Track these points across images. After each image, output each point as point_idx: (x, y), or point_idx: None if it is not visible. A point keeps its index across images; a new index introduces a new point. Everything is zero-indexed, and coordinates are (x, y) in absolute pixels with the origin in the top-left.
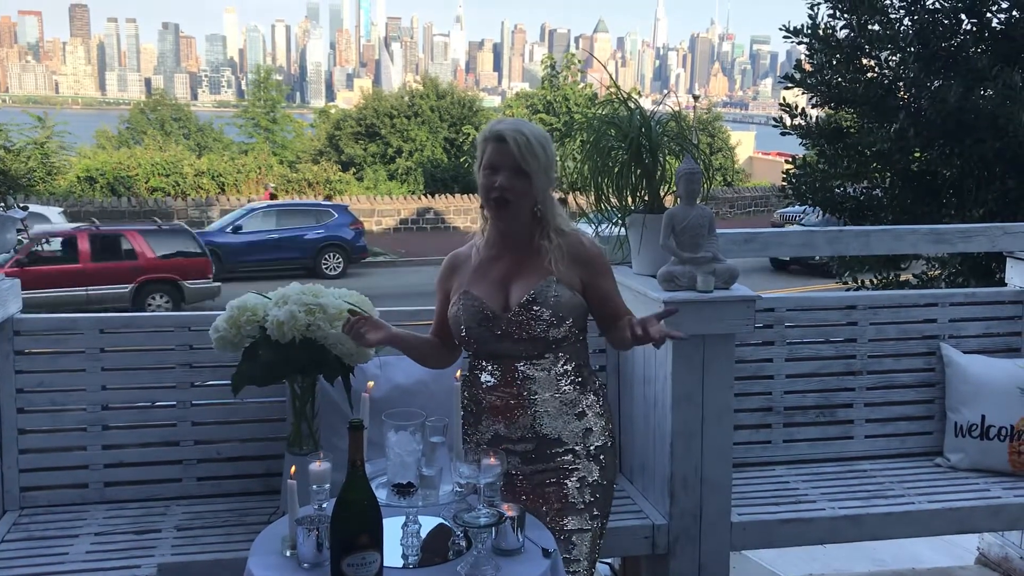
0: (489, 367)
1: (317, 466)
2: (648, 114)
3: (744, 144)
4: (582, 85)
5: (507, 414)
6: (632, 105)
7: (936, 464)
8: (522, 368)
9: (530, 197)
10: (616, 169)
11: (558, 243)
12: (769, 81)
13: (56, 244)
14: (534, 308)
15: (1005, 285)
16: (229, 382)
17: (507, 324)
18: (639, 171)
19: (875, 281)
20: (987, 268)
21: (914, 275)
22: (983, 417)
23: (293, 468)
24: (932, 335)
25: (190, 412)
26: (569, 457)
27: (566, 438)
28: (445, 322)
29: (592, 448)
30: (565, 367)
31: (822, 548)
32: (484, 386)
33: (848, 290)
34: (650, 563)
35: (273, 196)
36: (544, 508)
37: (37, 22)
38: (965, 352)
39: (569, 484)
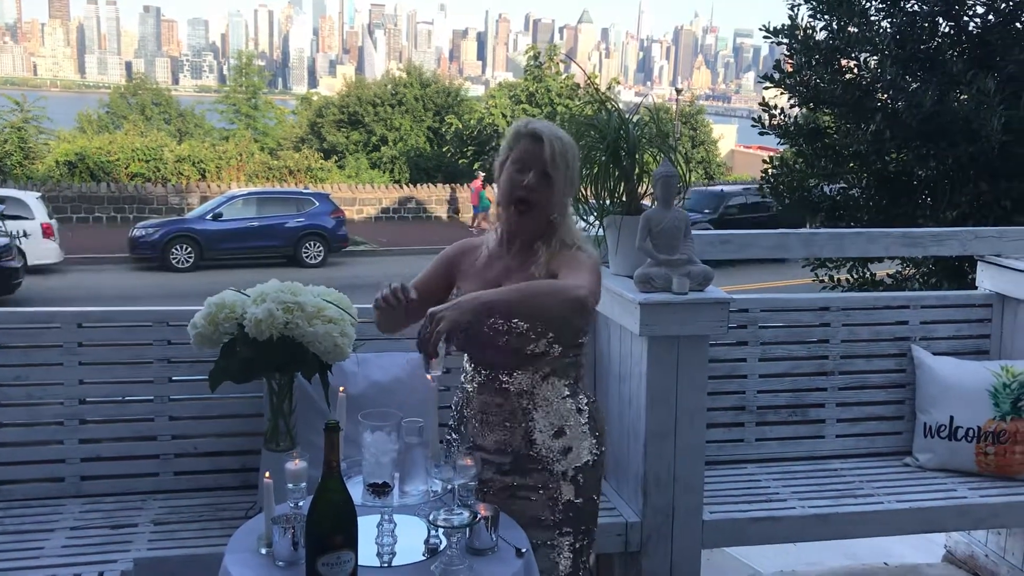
0: (475, 374)
1: (294, 465)
2: (626, 116)
3: (726, 138)
4: (564, 76)
5: (485, 424)
6: (610, 107)
7: (905, 464)
8: (504, 379)
9: (551, 204)
10: (595, 170)
11: (556, 253)
12: (752, 75)
13: None
14: (512, 319)
15: (976, 288)
16: (207, 377)
17: (488, 331)
18: (617, 172)
19: (850, 280)
20: (959, 269)
21: (888, 274)
22: (951, 418)
23: (267, 474)
24: (903, 337)
25: (167, 407)
26: (543, 476)
27: (543, 455)
28: (425, 286)
29: (571, 469)
30: (549, 383)
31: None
32: (469, 392)
33: (823, 290)
34: (623, 560)
35: (484, 185)
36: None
37: (15, 2)
38: (935, 354)
39: (535, 499)
